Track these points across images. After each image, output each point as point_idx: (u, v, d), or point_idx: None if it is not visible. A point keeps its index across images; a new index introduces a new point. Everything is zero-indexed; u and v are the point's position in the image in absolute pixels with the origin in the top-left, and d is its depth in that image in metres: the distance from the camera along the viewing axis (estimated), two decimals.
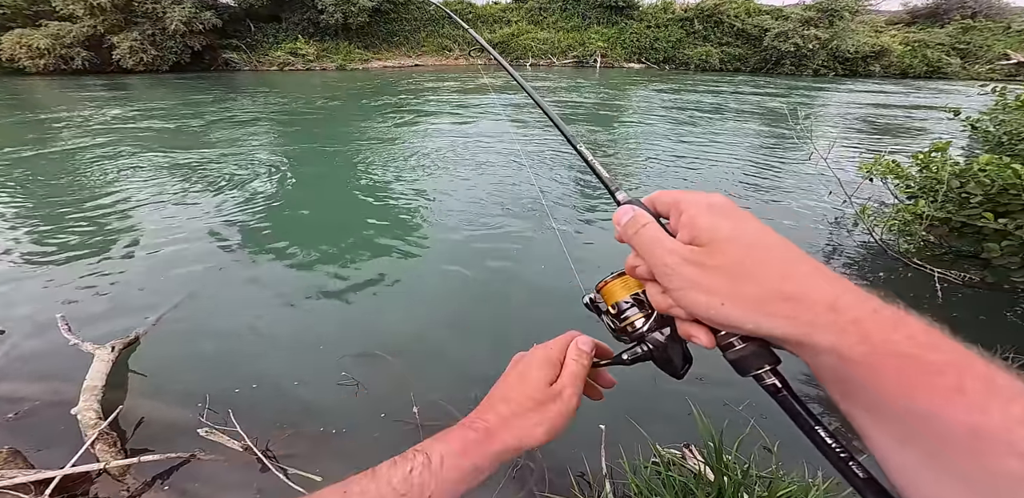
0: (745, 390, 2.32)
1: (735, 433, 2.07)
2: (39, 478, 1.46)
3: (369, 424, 2.06)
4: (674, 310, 0.35)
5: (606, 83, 16.75)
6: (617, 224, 0.38)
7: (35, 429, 1.94)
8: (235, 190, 4.99)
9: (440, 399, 2.17)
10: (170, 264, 3.44)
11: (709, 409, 2.18)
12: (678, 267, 0.32)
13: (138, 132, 8.08)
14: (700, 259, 0.31)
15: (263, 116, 9.75)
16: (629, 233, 0.36)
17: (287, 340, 2.61)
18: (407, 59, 24.51)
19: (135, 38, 19.35)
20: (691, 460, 1.94)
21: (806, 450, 1.30)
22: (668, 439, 1.97)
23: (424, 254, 3.62)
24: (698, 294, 0.31)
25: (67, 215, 4.36)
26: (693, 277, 0.31)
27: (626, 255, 0.39)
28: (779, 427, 2.08)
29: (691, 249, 0.32)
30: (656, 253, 0.34)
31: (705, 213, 0.33)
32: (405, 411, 2.09)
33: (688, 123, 9.45)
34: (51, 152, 6.61)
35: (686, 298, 0.32)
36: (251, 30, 22.91)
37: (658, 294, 0.36)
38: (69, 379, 2.17)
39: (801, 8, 23.54)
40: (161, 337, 2.63)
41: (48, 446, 1.84)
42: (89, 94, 13.16)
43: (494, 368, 2.00)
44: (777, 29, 22.77)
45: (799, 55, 22.64)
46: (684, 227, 0.33)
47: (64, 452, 1.68)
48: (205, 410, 2.03)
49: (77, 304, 2.93)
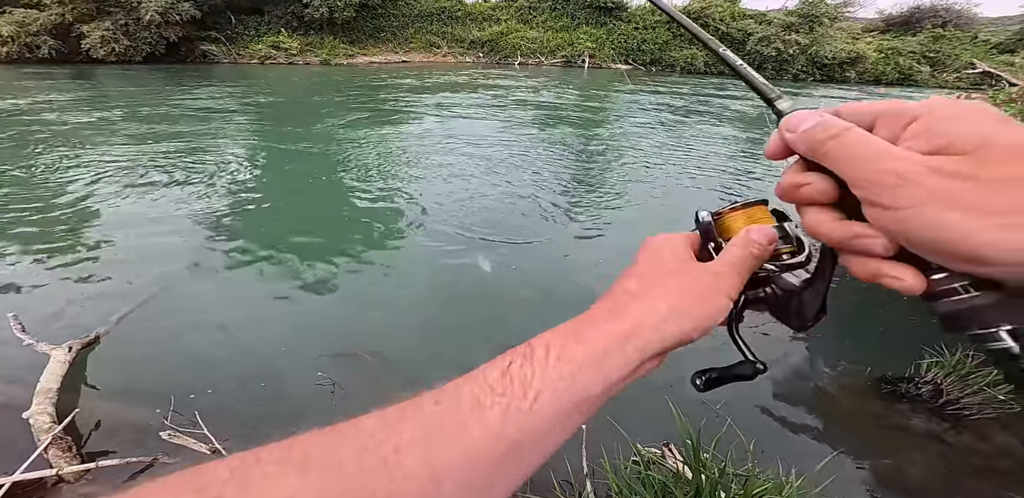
0: (722, 390, 2.35)
1: (712, 432, 2.10)
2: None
3: None
4: (861, 241, 0.27)
5: (593, 84, 16.88)
6: (790, 131, 0.30)
7: None
8: (205, 186, 4.82)
9: None
10: (135, 261, 3.30)
11: (687, 408, 2.20)
12: (920, 176, 0.24)
13: (102, 123, 7.75)
14: (965, 169, 0.23)
15: (238, 109, 9.49)
16: (820, 138, 0.28)
17: (260, 340, 2.53)
18: (394, 55, 24.20)
19: (107, 28, 18.62)
20: (670, 459, 1.96)
21: (781, 448, 1.33)
22: (648, 438, 1.99)
23: (403, 254, 3.56)
24: (953, 212, 0.23)
25: (22, 208, 4.15)
26: (950, 190, 0.23)
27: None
28: (754, 426, 2.13)
29: (944, 158, 0.24)
30: (877, 159, 0.26)
31: (964, 118, 0.25)
32: None
33: (668, 125, 9.59)
34: (3, 142, 6.29)
35: (923, 218, 0.24)
36: (231, 22, 22.30)
37: (832, 221, 0.29)
38: (21, 381, 2.05)
39: (784, 13, 24.25)
40: (124, 337, 2.52)
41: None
42: (52, 83, 12.59)
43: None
44: (760, 33, 23.35)
45: (780, 60, 23.27)
46: (918, 136, 0.25)
47: (15, 458, 1.58)
48: (170, 412, 1.94)
49: (32, 302, 2.78)
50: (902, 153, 0.25)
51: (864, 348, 2.77)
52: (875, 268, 0.27)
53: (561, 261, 3.60)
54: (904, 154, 0.25)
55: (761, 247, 0.34)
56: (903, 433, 2.22)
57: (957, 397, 2.24)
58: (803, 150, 0.30)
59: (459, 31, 25.48)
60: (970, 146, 0.24)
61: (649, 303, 0.32)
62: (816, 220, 0.30)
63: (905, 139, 0.26)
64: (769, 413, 2.29)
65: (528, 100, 12.19)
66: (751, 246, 0.33)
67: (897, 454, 2.11)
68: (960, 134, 0.24)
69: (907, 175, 0.24)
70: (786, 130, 0.30)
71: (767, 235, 0.34)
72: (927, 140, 0.25)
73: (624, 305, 0.32)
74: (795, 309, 0.34)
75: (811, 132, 0.29)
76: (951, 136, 0.24)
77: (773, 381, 2.48)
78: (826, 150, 0.28)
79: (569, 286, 3.23)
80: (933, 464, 2.07)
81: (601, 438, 1.99)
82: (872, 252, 0.27)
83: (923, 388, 2.34)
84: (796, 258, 0.34)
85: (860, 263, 0.28)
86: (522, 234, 3.96)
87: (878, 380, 2.48)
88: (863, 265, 0.28)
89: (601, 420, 2.10)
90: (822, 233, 0.29)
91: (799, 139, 0.30)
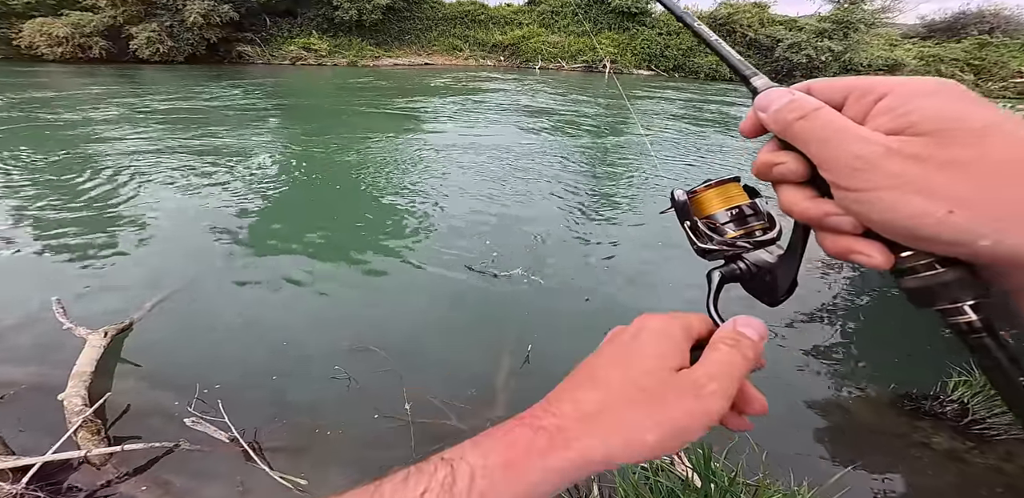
0: None
1: (724, 441, 2.04)
2: (18, 465, 1.41)
3: (360, 419, 2.00)
4: (832, 220, 0.27)
5: (616, 89, 16.63)
6: (763, 110, 0.29)
7: (20, 414, 1.90)
8: (236, 184, 4.93)
9: (433, 397, 2.11)
10: (169, 252, 3.40)
11: None
12: (879, 160, 0.24)
13: (144, 120, 8.02)
14: (924, 151, 0.23)
15: (270, 109, 9.71)
16: (788, 119, 0.27)
17: (280, 332, 2.56)
18: (417, 57, 24.35)
19: (153, 29, 19.31)
20: (680, 466, 1.90)
21: (794, 460, 1.24)
22: None
23: (424, 253, 3.55)
24: (909, 196, 0.23)
25: (70, 199, 4.32)
26: (906, 174, 0.23)
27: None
28: (768, 436, 2.04)
29: (904, 139, 0.24)
30: (839, 142, 0.25)
31: (930, 96, 0.24)
32: (397, 407, 2.04)
33: (695, 133, 9.35)
34: (55, 135, 6.56)
35: (882, 201, 0.24)
36: (266, 24, 22.82)
37: (806, 200, 0.28)
38: (59, 364, 2.12)
39: (816, 19, 23.14)
40: (155, 324, 2.59)
41: (32, 432, 1.79)
42: (101, 80, 13.12)
43: (487, 368, 1.93)
44: (790, 40, 22.37)
45: (811, 67, 22.25)
46: (885, 113, 0.25)
47: (47, 438, 1.63)
48: (194, 399, 1.98)
49: (74, 288, 2.88)
50: (865, 135, 0.25)
51: (888, 364, 2.64)
52: (845, 245, 0.27)
53: (579, 270, 3.54)
54: (867, 136, 0.25)
55: (754, 346, 0.30)
56: (924, 450, 2.10)
57: (984, 416, 2.13)
58: (775, 129, 0.29)
59: (481, 35, 25.41)
60: (930, 127, 0.23)
61: (604, 438, 0.26)
62: (790, 198, 0.29)
63: (872, 117, 0.25)
64: (784, 424, 2.20)
65: (545, 105, 12.08)
66: (742, 348, 0.29)
67: (916, 471, 2.00)
68: (923, 114, 0.24)
69: (868, 158, 0.24)
70: (759, 109, 0.30)
71: (759, 330, 0.31)
72: (891, 119, 0.25)
73: (571, 433, 0.27)
74: (768, 284, 0.34)
75: (781, 112, 0.28)
76: (913, 116, 0.24)
77: (790, 392, 2.38)
78: (795, 131, 0.27)
79: (577, 294, 3.18)
80: (954, 483, 1.96)
81: None
82: (842, 230, 0.27)
83: (948, 407, 2.21)
84: (768, 234, 0.34)
85: (832, 240, 0.28)
86: (537, 244, 3.91)
87: (901, 397, 2.35)
88: (834, 242, 0.28)
89: None
90: (796, 211, 0.29)
91: (770, 119, 0.29)
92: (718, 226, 0.35)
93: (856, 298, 3.33)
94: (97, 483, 1.54)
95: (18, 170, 5.10)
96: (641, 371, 0.28)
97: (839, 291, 3.40)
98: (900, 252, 0.26)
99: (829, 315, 3.08)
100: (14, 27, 18.50)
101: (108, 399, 1.93)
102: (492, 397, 2.15)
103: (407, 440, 1.89)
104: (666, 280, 3.34)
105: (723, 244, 0.35)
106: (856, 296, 3.35)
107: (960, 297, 0.25)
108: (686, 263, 3.45)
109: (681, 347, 0.30)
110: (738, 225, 0.34)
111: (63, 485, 1.50)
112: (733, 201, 0.35)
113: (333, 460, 1.79)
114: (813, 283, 3.45)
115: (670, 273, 3.42)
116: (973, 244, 0.22)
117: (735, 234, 0.34)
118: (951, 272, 0.25)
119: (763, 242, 0.34)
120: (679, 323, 0.31)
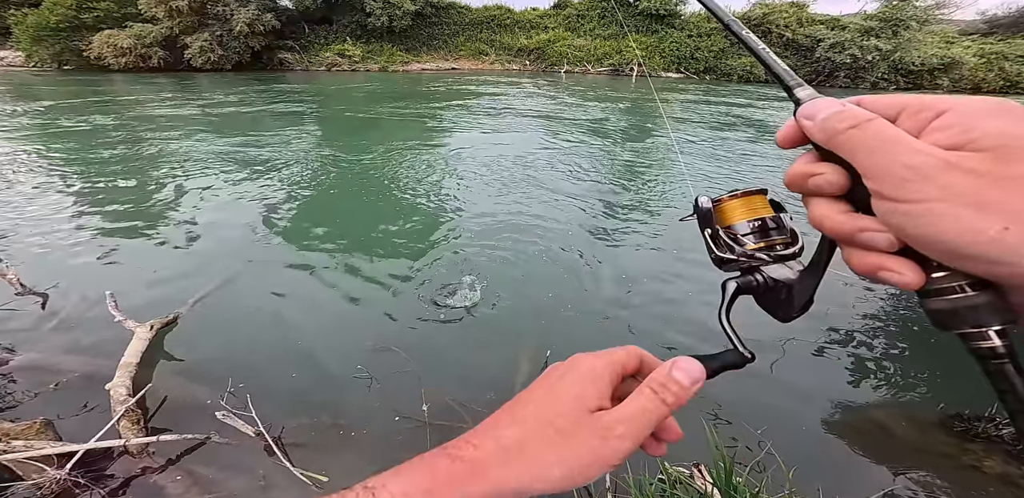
0: (767, 412, 2.12)
1: (749, 456, 1.91)
2: (63, 451, 1.47)
3: (379, 419, 1.99)
4: (865, 235, 0.26)
5: (642, 91, 16.19)
6: (809, 119, 0.28)
7: (69, 401, 1.99)
8: (280, 184, 5.08)
9: (451, 399, 2.08)
10: (211, 251, 3.52)
11: (724, 429, 2.01)
12: (933, 171, 0.22)
13: (197, 125, 8.41)
14: (982, 166, 0.22)
15: (308, 114, 9.99)
16: (839, 127, 0.26)
17: (308, 331, 2.59)
18: (444, 62, 24.52)
19: (205, 39, 20.28)
20: (699, 480, 1.79)
21: (825, 479, 1.11)
22: (677, 457, 1.83)
23: (450, 257, 3.52)
24: (960, 209, 0.22)
25: (127, 196, 4.56)
26: (960, 186, 0.22)
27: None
28: (797, 453, 1.90)
29: (962, 154, 0.22)
30: (892, 151, 0.24)
31: (994, 115, 0.23)
32: (415, 409, 2.02)
33: (725, 138, 8.98)
34: (117, 136, 6.97)
35: (931, 214, 0.22)
36: (305, 31, 23.55)
37: (839, 214, 0.27)
38: (108, 354, 2.22)
39: (861, 18, 21.42)
40: (196, 319, 2.67)
41: (78, 419, 1.87)
42: (159, 87, 13.89)
43: (506, 372, 1.86)
44: (832, 39, 20.82)
45: (856, 67, 20.60)
46: (943, 129, 0.24)
47: (91, 426, 1.70)
48: (226, 393, 2.02)
49: (125, 282, 3.01)
50: (922, 146, 0.24)
51: (935, 382, 2.40)
52: (876, 262, 0.26)
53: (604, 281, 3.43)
54: (924, 147, 0.24)
55: (681, 391, 0.30)
56: (974, 473, 1.90)
57: None
58: (820, 138, 0.27)
59: (507, 39, 25.28)
60: (992, 143, 0.22)
61: (517, 472, 0.29)
62: (823, 212, 0.28)
63: (929, 132, 0.24)
64: (816, 440, 2.04)
65: (569, 108, 11.89)
66: (666, 393, 0.30)
67: (964, 495, 1.81)
68: (984, 131, 0.23)
69: (923, 169, 0.23)
70: (804, 117, 0.28)
71: (692, 375, 0.31)
72: (950, 135, 0.24)
73: (487, 466, 0.29)
74: (784, 299, 0.33)
75: (831, 120, 0.27)
76: (974, 132, 0.23)
77: (826, 407, 2.20)
78: (844, 139, 0.26)
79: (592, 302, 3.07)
80: None
81: None
82: (876, 246, 0.26)
83: (1004, 430, 1.99)
84: (790, 249, 0.34)
85: (861, 256, 0.27)
86: (558, 249, 3.82)
87: (951, 417, 2.13)
88: (863, 258, 0.27)
89: None
90: (827, 225, 0.28)
91: (818, 127, 0.27)
92: (738, 237, 0.34)
93: (900, 311, 3.06)
94: (132, 471, 1.60)
95: (85, 168, 5.45)
96: (558, 412, 0.30)
97: (882, 303, 3.14)
98: (932, 272, 0.25)
99: (872, 327, 2.85)
100: (85, 39, 19.87)
101: (149, 390, 2.00)
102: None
103: (424, 441, 1.86)
104: (686, 290, 3.18)
105: (742, 255, 0.34)
106: (900, 309, 3.08)
107: (987, 322, 0.24)
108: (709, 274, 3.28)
109: (601, 389, 0.31)
110: (759, 237, 0.34)
111: (102, 472, 1.55)
112: (757, 213, 0.34)
113: (351, 459, 1.78)
114: (854, 292, 3.20)
115: (692, 284, 3.26)
116: (1018, 265, 0.21)
117: (755, 246, 0.34)
118: (983, 295, 0.24)
119: (784, 256, 0.33)
120: (605, 362, 0.32)
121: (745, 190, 0.35)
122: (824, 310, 2.95)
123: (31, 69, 21.13)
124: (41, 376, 2.13)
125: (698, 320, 2.79)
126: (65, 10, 19.68)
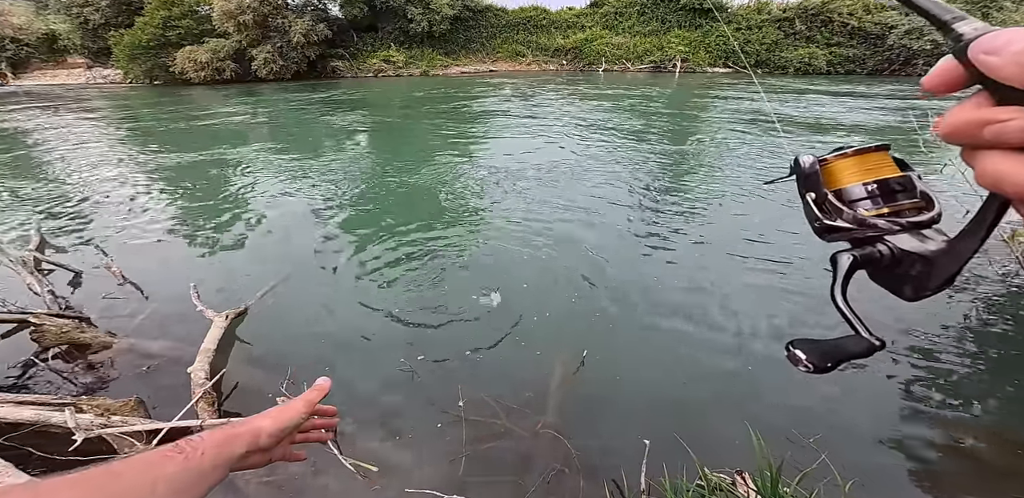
0: (822, 419, 1.94)
1: (799, 466, 1.75)
2: (151, 428, 1.60)
3: (418, 413, 2.02)
4: None
5: (688, 90, 15.32)
6: (993, 53, 0.22)
7: (158, 382, 2.18)
8: (340, 187, 5.25)
9: (487, 395, 2.08)
10: (279, 247, 3.71)
11: (772, 437, 1.85)
12: None
13: (266, 131, 8.93)
14: None
15: (360, 120, 10.31)
16: None
17: (359, 323, 2.67)
18: (482, 65, 24.44)
19: (268, 50, 21.43)
20: (741, 487, 1.66)
21: (886, 494, 0.96)
22: (718, 464, 1.71)
23: (491, 260, 3.48)
24: None
25: (206, 202, 4.92)
26: None
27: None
28: (856, 466, 1.70)
29: None
30: None
31: None
32: (452, 404, 2.03)
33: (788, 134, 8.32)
34: (196, 142, 7.54)
35: None
36: (354, 40, 24.28)
37: None
38: (191, 341, 2.40)
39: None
40: (263, 310, 2.83)
41: (163, 399, 2.04)
42: (231, 97, 14.86)
43: (542, 371, 1.79)
44: (907, 26, 18.59)
45: (936, 54, 18.12)
46: None
47: (171, 407, 1.84)
48: (286, 381, 2.13)
49: (205, 275, 3.25)
50: None
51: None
52: None
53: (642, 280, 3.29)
54: None
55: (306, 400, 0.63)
56: None
57: None
58: (1011, 73, 0.22)
59: (544, 39, 24.70)
60: None
61: (261, 420, 0.56)
62: (1006, 167, 0.23)
63: None
64: (879, 453, 1.82)
65: (608, 107, 11.47)
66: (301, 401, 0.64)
67: None
68: None
69: None
70: (986, 52, 0.23)
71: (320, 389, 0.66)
72: None
73: (255, 422, 0.55)
74: (916, 274, 0.28)
75: (1017, 54, 0.21)
76: None
77: (894, 417, 1.97)
78: None
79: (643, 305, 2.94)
80: None
81: (665, 456, 1.76)
82: None
83: None
84: (924, 215, 0.29)
85: None
86: (597, 255, 3.69)
87: None
88: None
89: (667, 436, 1.86)
90: (1012, 183, 0.23)
91: (1010, 61, 0.22)
92: (849, 202, 0.29)
93: (997, 314, 2.64)
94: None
95: (171, 173, 5.95)
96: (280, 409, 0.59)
97: (977, 302, 2.73)
98: None
99: (960, 330, 2.48)
100: (170, 56, 21.63)
101: (223, 375, 2.15)
102: (543, 401, 2.06)
103: (460, 435, 1.87)
104: (728, 295, 2.97)
105: (855, 222, 0.29)
106: (997, 311, 2.66)
107: None
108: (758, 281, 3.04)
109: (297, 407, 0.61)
110: (882, 202, 0.29)
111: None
112: (877, 173, 0.29)
113: (391, 449, 1.82)
114: (943, 293, 2.79)
115: (731, 288, 3.04)
116: None
117: (875, 212, 0.29)
118: None
119: (916, 224, 0.28)
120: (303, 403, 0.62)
121: (859, 147, 0.29)
122: (900, 304, 2.61)
123: (128, 85, 23.30)
124: (135, 359, 2.35)
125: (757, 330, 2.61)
126: (154, 29, 21.43)
